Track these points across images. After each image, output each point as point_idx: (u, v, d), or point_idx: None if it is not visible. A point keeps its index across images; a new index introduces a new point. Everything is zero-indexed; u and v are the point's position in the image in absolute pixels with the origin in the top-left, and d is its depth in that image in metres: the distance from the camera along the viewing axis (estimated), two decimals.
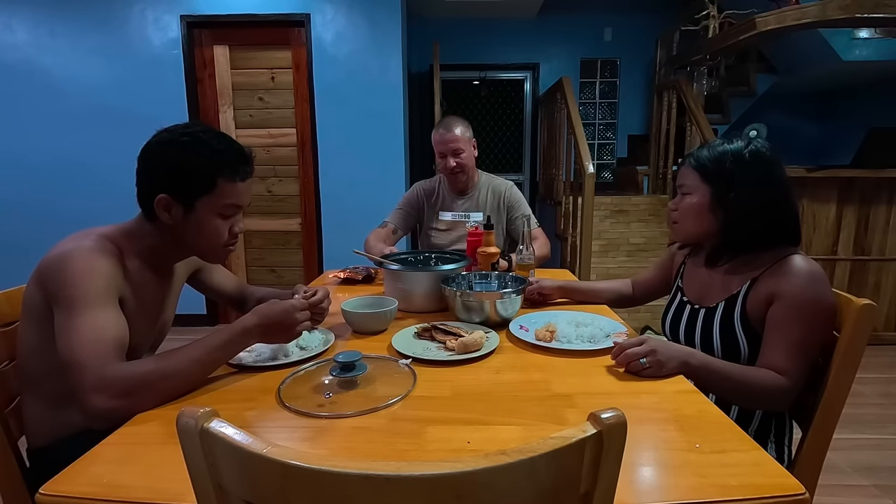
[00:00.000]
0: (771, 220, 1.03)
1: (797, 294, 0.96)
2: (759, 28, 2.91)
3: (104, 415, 0.78)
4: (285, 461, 0.39)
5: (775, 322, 0.98)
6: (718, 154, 1.05)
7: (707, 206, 1.07)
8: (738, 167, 1.03)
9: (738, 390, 0.95)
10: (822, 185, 3.09)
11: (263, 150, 3.53)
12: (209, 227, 0.97)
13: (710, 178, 1.05)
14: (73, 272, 0.85)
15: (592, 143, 5.25)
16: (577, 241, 3.39)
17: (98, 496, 0.60)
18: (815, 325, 0.95)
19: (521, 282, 1.35)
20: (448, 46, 4.63)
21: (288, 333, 0.96)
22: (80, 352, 0.80)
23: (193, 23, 3.34)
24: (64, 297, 0.84)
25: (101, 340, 0.82)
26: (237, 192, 0.98)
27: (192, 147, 0.93)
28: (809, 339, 0.95)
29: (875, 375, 2.74)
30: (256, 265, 3.70)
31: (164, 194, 0.93)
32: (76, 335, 0.81)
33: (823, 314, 0.95)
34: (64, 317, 0.83)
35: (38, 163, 3.44)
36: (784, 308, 0.97)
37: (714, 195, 1.05)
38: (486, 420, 0.78)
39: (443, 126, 1.94)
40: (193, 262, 1.20)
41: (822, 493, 1.74)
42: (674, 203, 1.14)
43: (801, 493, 0.58)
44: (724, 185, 1.04)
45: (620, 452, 0.42)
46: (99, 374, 0.78)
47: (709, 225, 1.08)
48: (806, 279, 0.96)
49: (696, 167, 1.08)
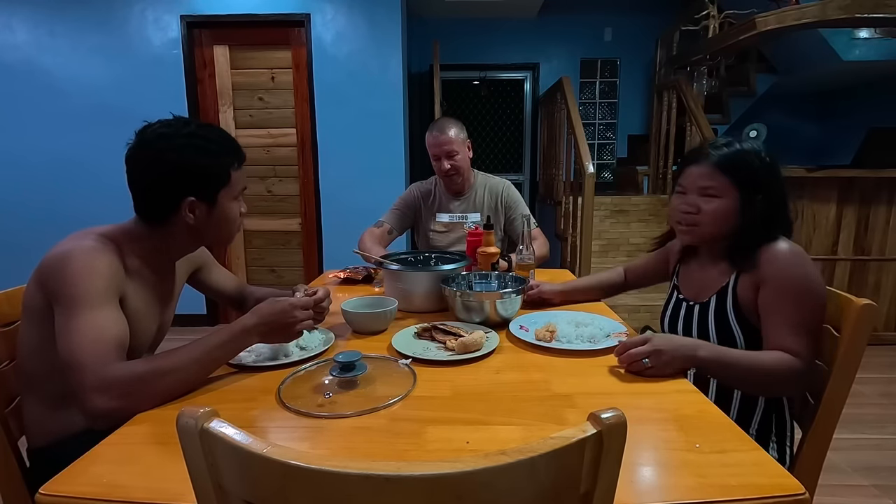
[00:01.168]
0: (780, 215, 1.05)
1: (782, 275, 0.97)
2: (759, 28, 2.91)
3: (105, 415, 0.78)
4: (285, 461, 0.39)
5: (768, 306, 0.98)
6: (744, 155, 1.03)
7: (735, 209, 1.04)
8: (764, 169, 1.03)
9: (752, 377, 0.94)
10: (822, 185, 3.09)
11: (263, 150, 3.53)
12: (230, 215, 1.02)
13: (741, 182, 1.03)
14: (74, 271, 0.85)
15: (592, 143, 5.25)
16: (577, 241, 3.39)
17: (98, 496, 0.60)
18: (808, 303, 0.95)
19: (521, 282, 1.35)
20: (448, 46, 4.63)
21: (288, 332, 0.96)
22: (81, 352, 0.80)
23: (193, 23, 3.34)
24: (64, 296, 0.84)
25: (102, 340, 0.82)
26: (243, 177, 1.04)
27: (203, 147, 0.96)
28: (809, 316, 0.95)
29: (875, 375, 2.74)
30: (256, 265, 3.70)
31: (191, 197, 0.95)
32: (76, 335, 0.81)
33: (813, 291, 0.96)
34: (64, 316, 0.83)
35: (38, 163, 3.44)
36: (773, 291, 0.98)
37: (743, 198, 1.03)
38: (486, 420, 0.78)
39: (436, 128, 1.92)
40: (193, 262, 1.21)
41: (822, 493, 1.74)
42: (690, 205, 1.07)
43: (801, 493, 0.58)
44: (752, 187, 1.03)
45: (620, 452, 0.42)
46: (99, 374, 0.79)
47: (731, 227, 1.06)
48: (788, 259, 0.98)
49: (724, 169, 1.03)
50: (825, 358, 0.98)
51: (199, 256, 1.22)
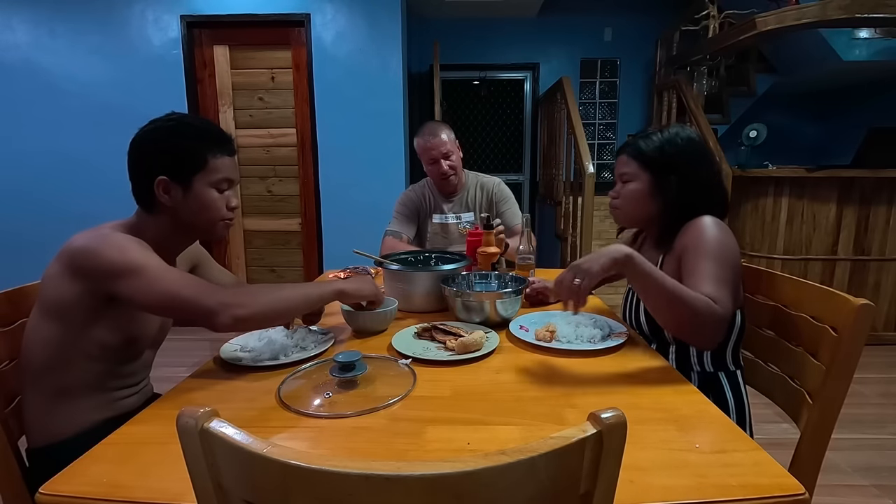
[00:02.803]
0: (704, 196, 1.11)
1: (696, 236, 1.04)
2: (759, 28, 2.91)
3: (232, 327, 0.91)
4: (285, 461, 0.39)
5: (686, 264, 1.03)
6: (655, 141, 1.14)
7: (648, 191, 1.14)
8: (676, 151, 1.12)
9: (673, 301, 0.93)
10: (822, 185, 3.09)
11: (263, 150, 3.53)
12: (207, 201, 1.02)
13: (650, 165, 1.13)
14: (119, 246, 0.91)
15: (592, 143, 5.24)
16: (577, 241, 3.39)
17: (98, 496, 0.60)
18: (722, 257, 1.00)
19: (521, 282, 1.35)
20: (448, 46, 4.62)
21: (369, 284, 1.15)
22: (187, 290, 0.90)
23: (193, 23, 3.34)
24: (122, 265, 0.89)
25: (192, 280, 0.94)
26: (226, 167, 1.04)
27: (178, 129, 1.00)
28: (722, 271, 0.99)
29: (875, 375, 2.73)
30: (256, 265, 3.70)
31: (162, 176, 0.97)
32: (165, 283, 0.90)
33: (727, 249, 1.02)
34: (135, 279, 0.89)
35: (38, 163, 3.44)
36: (689, 253, 1.04)
37: (654, 181, 1.13)
38: (486, 420, 0.78)
39: (427, 133, 1.94)
40: (190, 259, 1.21)
41: (822, 493, 1.74)
42: (615, 191, 1.21)
43: (801, 493, 0.58)
44: (663, 170, 1.12)
45: (620, 452, 0.42)
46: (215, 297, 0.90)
47: (650, 209, 1.16)
48: (700, 225, 1.05)
49: (635, 156, 1.15)
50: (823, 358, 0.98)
51: (197, 254, 1.23)
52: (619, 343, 1.07)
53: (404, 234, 2.01)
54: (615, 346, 1.06)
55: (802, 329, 1.04)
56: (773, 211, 3.15)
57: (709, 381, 1.12)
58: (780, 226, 3.15)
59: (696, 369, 1.13)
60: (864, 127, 3.84)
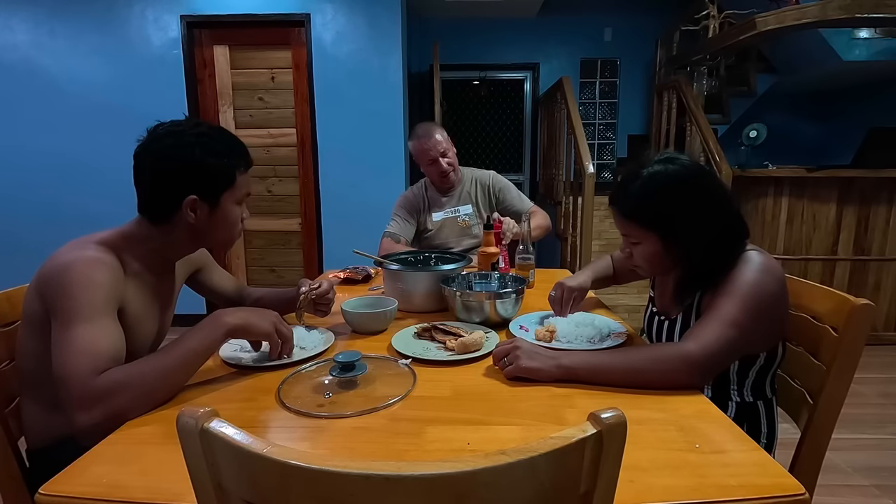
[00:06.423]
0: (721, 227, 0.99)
1: (737, 277, 0.93)
2: (759, 28, 2.91)
3: (90, 430, 0.76)
4: (285, 461, 0.39)
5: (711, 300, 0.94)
6: (647, 198, 1.00)
7: (660, 250, 1.02)
8: (672, 200, 0.98)
9: (629, 374, 0.89)
10: (822, 185, 3.09)
11: (263, 150, 3.53)
12: (232, 218, 1.02)
13: (652, 225, 1.00)
14: (73, 283, 0.84)
15: (592, 143, 5.24)
16: (577, 241, 3.39)
17: (98, 496, 0.60)
18: (749, 303, 0.90)
19: (521, 282, 1.35)
20: (448, 46, 4.62)
21: (265, 319, 0.94)
22: (69, 366, 0.78)
23: (193, 23, 3.34)
24: (62, 309, 0.83)
25: (91, 353, 0.80)
26: (248, 181, 1.04)
27: (209, 147, 0.95)
28: (741, 316, 0.89)
29: (875, 375, 2.73)
30: (256, 265, 3.70)
31: (193, 195, 0.94)
32: (68, 348, 0.80)
33: (763, 298, 0.91)
34: (59, 330, 0.82)
35: (38, 163, 3.44)
36: (722, 290, 0.94)
37: (663, 238, 1.01)
38: (486, 420, 0.78)
39: (423, 134, 1.98)
40: (193, 263, 1.21)
41: (822, 493, 1.74)
42: (625, 247, 1.08)
43: (801, 493, 0.58)
44: (665, 223, 0.99)
45: (620, 452, 0.42)
46: (82, 387, 0.77)
47: (671, 260, 1.03)
48: (751, 267, 0.94)
49: (631, 218, 1.02)
50: (823, 358, 0.98)
51: (200, 258, 1.22)
52: (618, 343, 1.06)
53: (402, 236, 2.03)
54: (615, 346, 1.06)
55: (803, 329, 1.04)
56: (773, 211, 3.15)
57: (747, 410, 1.05)
58: (780, 226, 3.15)
59: (736, 399, 1.05)
60: (864, 127, 3.84)
